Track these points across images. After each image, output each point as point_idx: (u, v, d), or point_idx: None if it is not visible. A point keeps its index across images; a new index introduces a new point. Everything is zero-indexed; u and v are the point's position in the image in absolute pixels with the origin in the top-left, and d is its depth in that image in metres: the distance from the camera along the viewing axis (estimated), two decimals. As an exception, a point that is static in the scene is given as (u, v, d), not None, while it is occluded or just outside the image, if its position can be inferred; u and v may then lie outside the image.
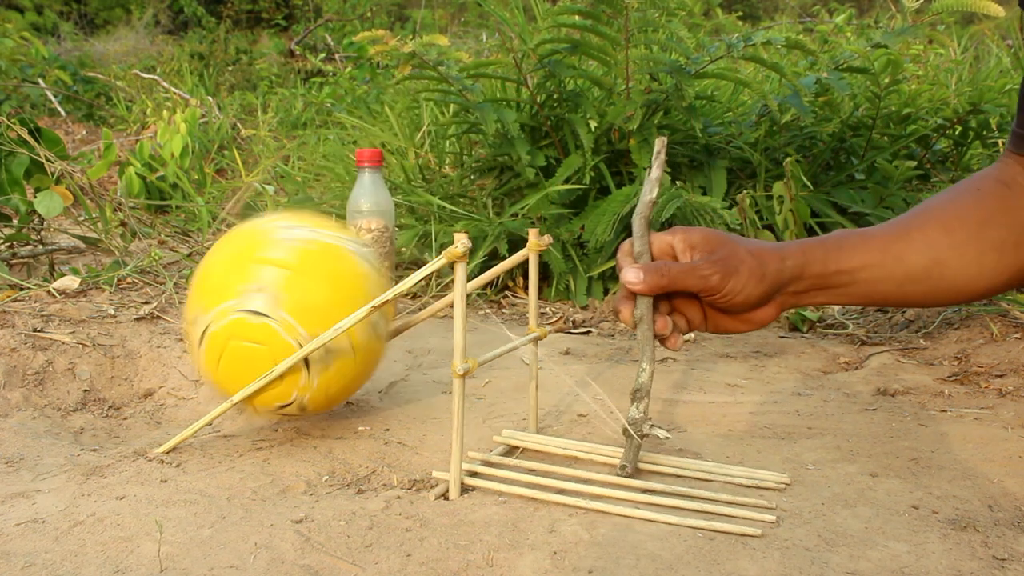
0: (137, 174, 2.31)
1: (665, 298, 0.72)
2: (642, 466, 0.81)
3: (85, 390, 1.05)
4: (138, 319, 1.22)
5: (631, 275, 0.69)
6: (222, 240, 0.89)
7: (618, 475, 0.77)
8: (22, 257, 1.72)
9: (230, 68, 5.17)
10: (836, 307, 1.48)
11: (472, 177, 1.95)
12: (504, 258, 1.39)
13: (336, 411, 1.01)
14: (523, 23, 1.93)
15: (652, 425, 0.73)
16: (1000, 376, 1.10)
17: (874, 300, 0.73)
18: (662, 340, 0.72)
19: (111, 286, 1.37)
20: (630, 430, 0.73)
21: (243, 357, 0.82)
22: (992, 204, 0.72)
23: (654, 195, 0.71)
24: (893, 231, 0.73)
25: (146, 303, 1.30)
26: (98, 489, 0.77)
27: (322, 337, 0.80)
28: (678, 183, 1.63)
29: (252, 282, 0.82)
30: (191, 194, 2.25)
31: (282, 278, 0.82)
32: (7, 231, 1.70)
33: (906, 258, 0.71)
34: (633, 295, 0.71)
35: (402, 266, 1.78)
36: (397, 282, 0.81)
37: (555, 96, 1.73)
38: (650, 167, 0.71)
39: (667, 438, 0.74)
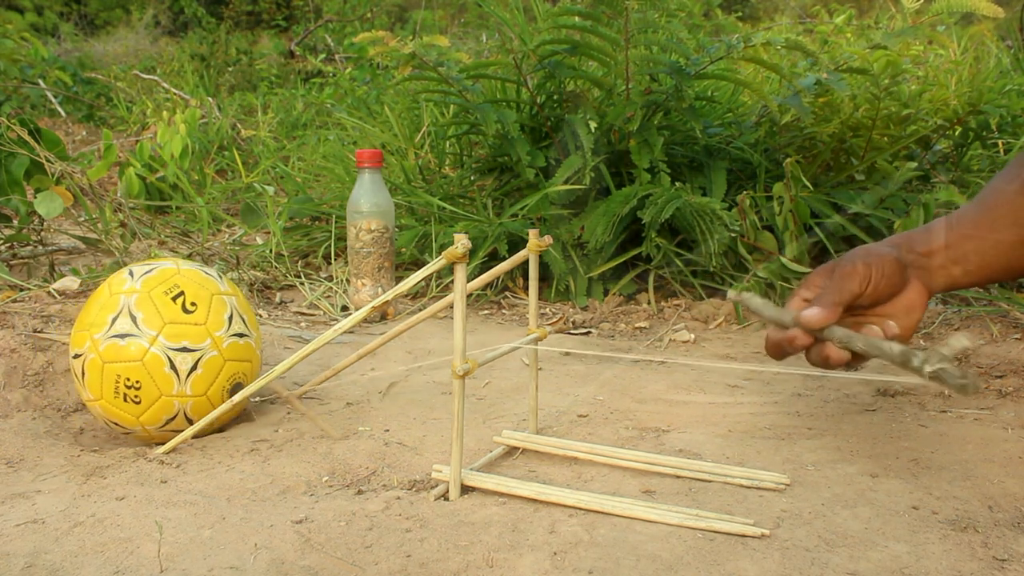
0: (137, 175, 2.32)
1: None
2: (642, 466, 0.81)
3: (85, 391, 1.05)
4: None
5: (811, 313, 0.72)
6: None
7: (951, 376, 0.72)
8: (22, 258, 1.73)
9: (230, 69, 5.17)
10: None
11: (472, 178, 1.95)
12: (504, 259, 1.40)
13: (336, 411, 1.01)
14: (523, 24, 1.93)
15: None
16: (1000, 376, 1.10)
17: (1002, 269, 0.77)
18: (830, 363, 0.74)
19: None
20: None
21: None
22: None
23: None
24: (972, 210, 0.78)
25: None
26: (98, 490, 0.77)
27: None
28: (678, 184, 1.63)
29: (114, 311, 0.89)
30: (191, 195, 2.26)
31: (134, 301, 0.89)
32: (7, 232, 1.70)
33: (1000, 228, 0.76)
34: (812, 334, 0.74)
35: (402, 266, 1.78)
36: (397, 283, 0.81)
37: (555, 97, 1.73)
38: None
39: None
